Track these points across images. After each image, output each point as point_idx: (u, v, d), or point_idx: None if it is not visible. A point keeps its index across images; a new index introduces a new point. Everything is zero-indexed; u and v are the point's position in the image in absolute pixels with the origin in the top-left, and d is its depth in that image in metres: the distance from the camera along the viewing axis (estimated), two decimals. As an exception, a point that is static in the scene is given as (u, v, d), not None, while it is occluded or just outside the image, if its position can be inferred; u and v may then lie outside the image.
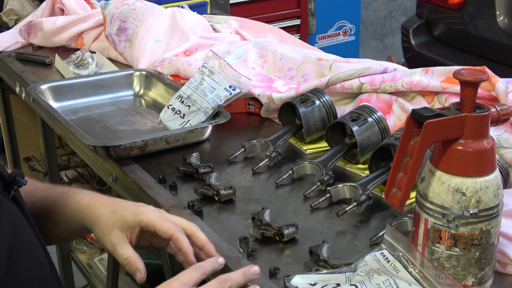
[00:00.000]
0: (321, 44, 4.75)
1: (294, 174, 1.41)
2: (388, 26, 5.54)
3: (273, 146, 1.49)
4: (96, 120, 1.76)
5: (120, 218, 1.12)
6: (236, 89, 1.65)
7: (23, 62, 2.19)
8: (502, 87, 1.46)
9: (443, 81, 1.54)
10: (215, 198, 1.33)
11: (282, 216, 1.29)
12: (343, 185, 1.32)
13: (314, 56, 1.80)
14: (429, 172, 1.03)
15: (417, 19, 3.94)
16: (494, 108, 1.06)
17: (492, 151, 1.01)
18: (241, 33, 2.25)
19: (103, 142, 1.52)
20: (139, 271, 1.08)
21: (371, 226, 1.25)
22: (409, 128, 1.02)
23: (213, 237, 1.22)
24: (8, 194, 1.01)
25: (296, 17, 4.47)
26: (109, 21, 2.13)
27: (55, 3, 2.40)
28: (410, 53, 3.89)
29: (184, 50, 2.03)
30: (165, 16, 2.13)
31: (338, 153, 1.46)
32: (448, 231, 1.01)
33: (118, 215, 1.13)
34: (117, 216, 1.12)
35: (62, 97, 1.82)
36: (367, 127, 1.44)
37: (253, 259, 1.15)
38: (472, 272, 1.03)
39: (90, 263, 2.36)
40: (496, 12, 3.47)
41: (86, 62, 2.11)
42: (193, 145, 1.58)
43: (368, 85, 1.61)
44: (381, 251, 1.07)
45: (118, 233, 1.11)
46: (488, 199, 1.00)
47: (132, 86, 1.92)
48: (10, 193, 1.01)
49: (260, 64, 1.90)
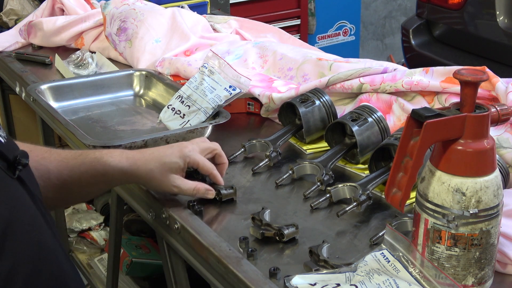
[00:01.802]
0: (321, 44, 4.75)
1: (294, 174, 1.41)
2: (388, 26, 5.54)
3: (273, 146, 1.49)
4: (96, 120, 1.76)
5: (172, 165, 1.29)
6: (236, 89, 1.65)
7: (23, 62, 2.19)
8: (502, 87, 1.46)
9: (443, 81, 1.54)
10: (216, 198, 1.33)
11: (282, 216, 1.29)
12: (343, 185, 1.32)
13: (314, 56, 1.80)
14: (429, 172, 1.03)
15: (417, 19, 3.93)
16: (494, 108, 1.06)
17: (492, 151, 1.01)
18: (241, 33, 2.25)
19: (103, 142, 1.52)
20: (209, 190, 1.31)
21: (371, 226, 1.25)
22: (409, 128, 1.02)
23: (213, 237, 1.22)
24: (13, 174, 1.01)
25: (296, 17, 4.46)
26: (109, 21, 2.13)
27: (55, 3, 2.40)
28: (410, 53, 3.88)
29: (184, 50, 2.03)
30: (165, 16, 2.13)
31: (338, 153, 1.46)
32: (448, 231, 1.01)
33: (168, 164, 1.29)
34: (168, 165, 1.28)
35: (62, 97, 1.82)
36: (367, 127, 1.44)
37: (253, 259, 1.15)
38: (472, 272, 1.03)
39: (90, 263, 2.36)
40: (496, 12, 3.47)
41: (86, 62, 2.11)
42: (193, 145, 1.58)
43: (368, 85, 1.61)
44: (381, 251, 1.07)
45: (174, 177, 1.29)
46: (488, 199, 1.00)
47: (132, 86, 1.92)
48: (15, 173, 1.01)
49: (260, 64, 1.90)
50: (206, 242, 1.21)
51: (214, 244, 1.19)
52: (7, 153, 1.02)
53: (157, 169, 1.28)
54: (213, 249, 1.18)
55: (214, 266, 1.19)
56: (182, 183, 1.29)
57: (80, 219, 2.47)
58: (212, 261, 1.19)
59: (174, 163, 1.29)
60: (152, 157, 1.30)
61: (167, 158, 1.29)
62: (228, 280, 1.15)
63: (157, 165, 1.28)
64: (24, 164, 1.03)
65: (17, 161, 1.02)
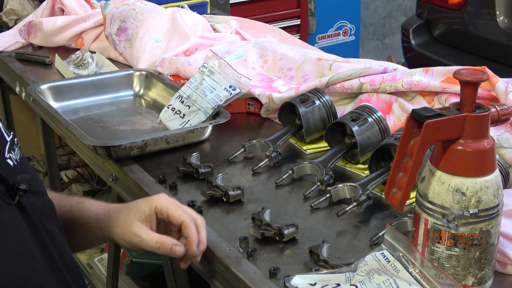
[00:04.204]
0: (321, 44, 4.75)
1: (294, 174, 1.41)
2: (388, 26, 5.54)
3: (273, 146, 1.49)
4: (96, 120, 1.76)
5: (137, 211, 1.15)
6: (236, 89, 1.65)
7: (23, 62, 2.19)
8: (502, 87, 1.46)
9: (443, 81, 1.54)
10: (223, 199, 1.33)
11: (282, 216, 1.29)
12: (343, 185, 1.32)
13: (314, 56, 1.80)
14: (429, 172, 1.03)
15: (417, 19, 3.93)
16: (494, 108, 1.06)
17: (492, 151, 1.01)
18: (241, 33, 2.25)
19: (103, 142, 1.52)
20: (177, 245, 1.12)
21: (371, 226, 1.25)
22: (409, 128, 1.02)
23: (213, 237, 1.22)
24: (12, 200, 0.97)
25: (296, 17, 4.46)
26: (109, 21, 2.13)
27: (55, 3, 2.40)
28: (410, 53, 3.88)
29: (184, 50, 2.03)
30: (165, 16, 2.13)
31: (338, 153, 1.46)
32: (448, 231, 1.01)
33: (134, 209, 1.16)
34: (134, 211, 1.15)
35: (62, 97, 1.82)
36: (367, 127, 1.44)
37: (253, 259, 1.15)
38: (472, 272, 1.03)
39: (90, 263, 2.36)
40: (496, 12, 3.47)
41: (86, 62, 2.11)
42: (193, 145, 1.58)
43: (368, 85, 1.61)
44: (381, 251, 1.07)
45: (138, 224, 1.14)
46: (488, 199, 1.00)
47: (132, 86, 1.92)
48: (14, 198, 0.98)
49: (260, 64, 1.90)
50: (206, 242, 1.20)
51: (214, 244, 1.19)
52: (9, 177, 0.98)
53: (122, 216, 1.16)
54: (213, 249, 1.18)
55: (214, 266, 1.19)
56: (144, 233, 1.13)
57: (80, 219, 2.47)
58: (212, 261, 1.19)
59: (139, 208, 1.16)
60: (124, 205, 1.20)
61: (134, 204, 1.18)
62: (228, 280, 1.15)
63: (125, 211, 1.17)
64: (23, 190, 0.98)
65: (16, 186, 0.97)
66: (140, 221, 1.14)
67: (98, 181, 2.62)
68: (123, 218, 1.16)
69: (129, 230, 1.14)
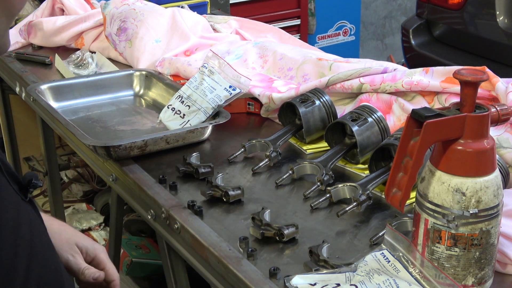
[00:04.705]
0: (321, 44, 4.75)
1: (294, 174, 1.41)
2: (388, 26, 5.54)
3: (273, 146, 1.49)
4: (96, 120, 1.76)
5: (80, 241, 1.23)
6: (236, 89, 1.65)
7: (23, 62, 2.19)
8: (502, 87, 1.46)
9: (443, 81, 1.54)
10: (223, 199, 1.33)
11: (282, 216, 1.28)
12: (343, 185, 1.32)
13: (314, 56, 1.80)
14: (429, 172, 1.03)
15: (417, 19, 3.93)
16: (494, 108, 1.06)
17: (492, 151, 1.01)
18: (241, 33, 2.25)
19: (103, 142, 1.52)
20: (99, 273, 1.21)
21: (371, 226, 1.25)
22: (409, 128, 1.02)
23: (213, 237, 1.22)
24: (25, 197, 1.00)
25: (296, 17, 4.46)
26: (109, 21, 2.13)
27: (55, 3, 2.40)
28: (410, 53, 3.88)
29: (184, 50, 2.03)
30: (165, 16, 2.13)
31: (338, 153, 1.46)
32: (448, 231, 1.01)
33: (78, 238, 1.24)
34: (77, 238, 1.23)
35: (62, 97, 1.82)
36: (367, 127, 1.44)
37: (253, 259, 1.15)
38: (472, 272, 1.03)
39: (90, 263, 2.36)
40: (496, 12, 3.47)
41: (86, 62, 2.11)
42: (193, 145, 1.58)
43: (368, 85, 1.61)
44: (381, 251, 1.07)
45: (76, 249, 1.22)
46: (488, 199, 1.00)
47: (132, 86, 1.92)
48: (26, 195, 1.01)
49: (260, 64, 1.90)
50: (206, 242, 1.21)
51: (214, 244, 1.19)
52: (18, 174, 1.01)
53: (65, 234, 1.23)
54: (213, 249, 1.18)
55: (214, 266, 1.19)
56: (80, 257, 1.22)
57: (80, 219, 2.47)
58: (212, 261, 1.19)
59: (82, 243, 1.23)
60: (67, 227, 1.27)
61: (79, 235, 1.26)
62: (228, 280, 1.15)
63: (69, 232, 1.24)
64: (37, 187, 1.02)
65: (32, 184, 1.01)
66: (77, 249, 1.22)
67: (98, 181, 2.61)
68: (66, 236, 1.22)
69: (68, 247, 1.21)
